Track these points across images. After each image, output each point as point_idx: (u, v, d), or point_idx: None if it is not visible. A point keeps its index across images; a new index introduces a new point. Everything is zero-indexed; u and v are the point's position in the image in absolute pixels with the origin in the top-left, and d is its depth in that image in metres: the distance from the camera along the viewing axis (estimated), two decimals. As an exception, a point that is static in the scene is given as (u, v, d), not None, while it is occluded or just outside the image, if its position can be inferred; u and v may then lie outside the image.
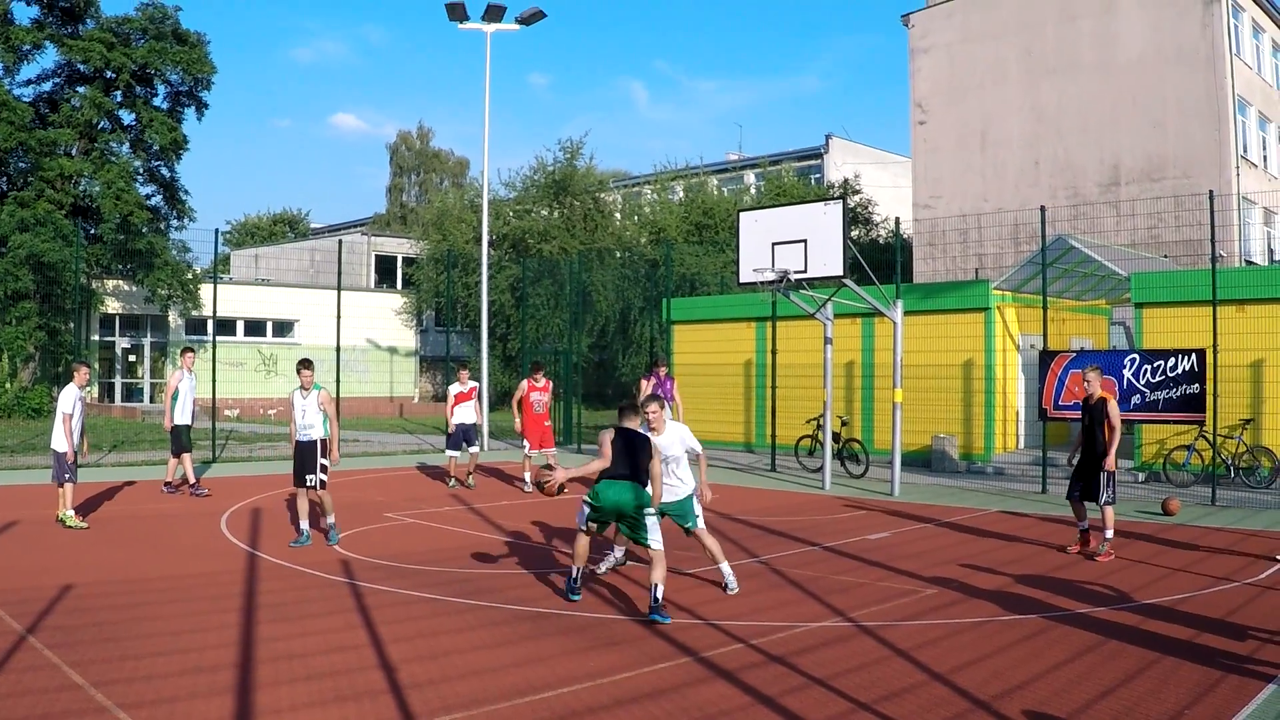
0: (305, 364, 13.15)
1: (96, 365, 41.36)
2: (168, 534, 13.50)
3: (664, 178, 52.74)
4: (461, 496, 17.83)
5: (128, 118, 41.44)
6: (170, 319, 42.94)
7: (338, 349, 26.00)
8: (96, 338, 41.73)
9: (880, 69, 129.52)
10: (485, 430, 28.48)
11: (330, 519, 13.09)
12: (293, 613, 9.27)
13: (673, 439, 10.45)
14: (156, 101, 41.96)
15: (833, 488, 19.42)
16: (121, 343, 43.35)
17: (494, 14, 28.01)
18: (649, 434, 10.13)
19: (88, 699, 6.82)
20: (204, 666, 7.54)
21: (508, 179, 47.93)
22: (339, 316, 25.97)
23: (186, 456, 17.58)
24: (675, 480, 10.35)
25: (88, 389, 12.88)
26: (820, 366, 20.29)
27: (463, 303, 43.66)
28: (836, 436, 21.94)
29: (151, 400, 42.74)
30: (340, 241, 30.46)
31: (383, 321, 48.11)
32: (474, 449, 19.39)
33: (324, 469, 13.03)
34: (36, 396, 36.47)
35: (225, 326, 41.46)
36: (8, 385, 36.37)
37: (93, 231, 38.98)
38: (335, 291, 26.58)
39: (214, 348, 24.08)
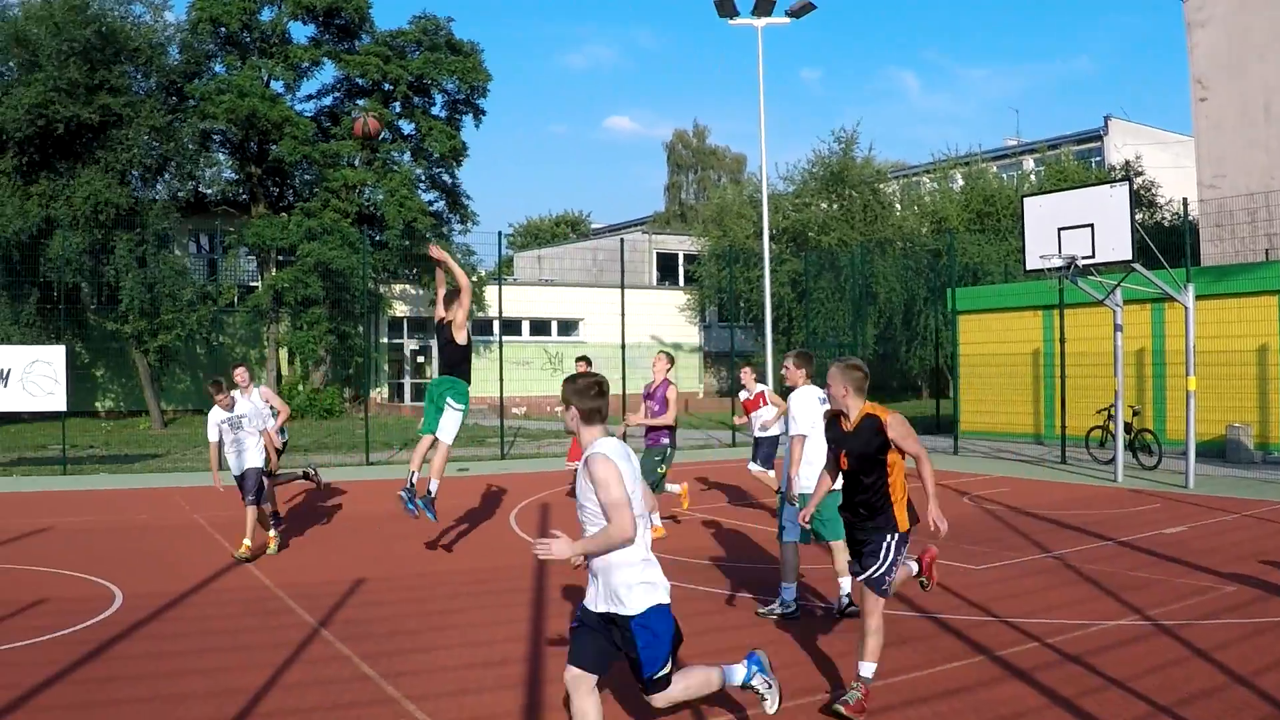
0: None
1: (386, 367, 43.63)
2: (456, 530, 14.07)
3: (942, 166, 51.53)
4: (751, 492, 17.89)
5: (407, 127, 43.19)
6: (457, 321, 44.64)
7: (623, 346, 26.59)
8: (385, 340, 43.90)
9: (1157, 46, 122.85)
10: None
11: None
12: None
13: None
14: (434, 110, 43.48)
15: (1125, 480, 18.65)
16: (410, 344, 45.46)
17: (764, 7, 27.97)
18: None
19: (377, 690, 7.15)
20: (493, 660, 7.75)
21: (785, 173, 47.71)
22: (623, 314, 26.58)
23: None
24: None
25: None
26: (1110, 355, 19.47)
27: (745, 297, 43.88)
28: (1128, 427, 21.04)
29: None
30: (622, 240, 31.10)
31: (666, 318, 48.62)
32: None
33: None
34: (328, 398, 38.93)
35: (511, 327, 42.94)
36: (300, 387, 38.77)
37: (378, 238, 40.51)
38: (619, 290, 27.15)
39: (500, 348, 25.10)
